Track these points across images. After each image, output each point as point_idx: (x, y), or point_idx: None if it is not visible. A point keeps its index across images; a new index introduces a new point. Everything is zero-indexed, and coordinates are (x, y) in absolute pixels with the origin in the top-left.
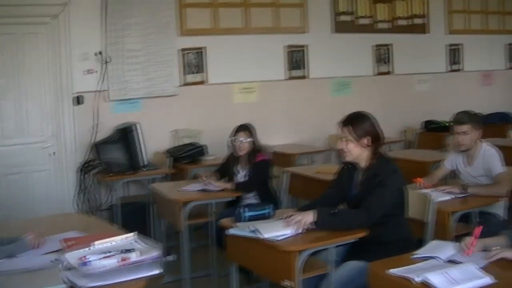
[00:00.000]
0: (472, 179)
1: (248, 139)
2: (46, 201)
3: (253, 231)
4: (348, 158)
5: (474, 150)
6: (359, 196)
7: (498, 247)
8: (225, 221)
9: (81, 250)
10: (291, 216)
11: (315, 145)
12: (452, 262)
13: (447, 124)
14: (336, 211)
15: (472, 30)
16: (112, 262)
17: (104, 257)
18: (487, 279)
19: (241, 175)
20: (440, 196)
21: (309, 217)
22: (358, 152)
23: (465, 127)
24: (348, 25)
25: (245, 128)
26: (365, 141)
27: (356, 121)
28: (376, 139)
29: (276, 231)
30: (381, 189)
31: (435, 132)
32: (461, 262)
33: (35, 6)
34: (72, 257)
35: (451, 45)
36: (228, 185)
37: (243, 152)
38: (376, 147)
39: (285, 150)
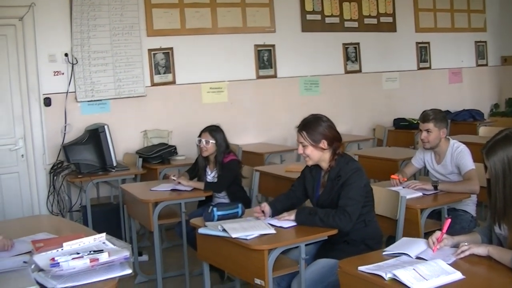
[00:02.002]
0: (441, 177)
1: (212, 141)
2: (16, 203)
3: (222, 231)
4: (310, 163)
5: (443, 148)
6: (323, 197)
7: (466, 243)
8: (195, 221)
9: (50, 252)
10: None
11: (285, 144)
12: (421, 258)
13: (416, 122)
14: (314, 210)
15: (439, 28)
16: (81, 263)
17: (73, 259)
18: (456, 275)
19: (211, 176)
20: (410, 193)
21: (291, 216)
22: (317, 155)
23: (429, 125)
24: (316, 24)
25: (209, 130)
26: (322, 144)
27: (310, 126)
28: (333, 140)
29: (245, 231)
30: (347, 190)
31: (404, 130)
32: (430, 259)
33: (0, 7)
34: (41, 259)
35: (419, 43)
36: (198, 185)
37: (207, 153)
38: (335, 148)
39: (255, 149)
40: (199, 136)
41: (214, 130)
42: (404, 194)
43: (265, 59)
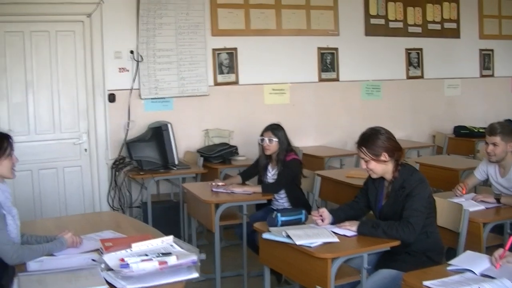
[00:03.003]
0: (505, 190)
1: (275, 139)
2: (78, 196)
3: (286, 237)
4: (374, 176)
5: (508, 161)
6: (386, 208)
7: None
8: (259, 225)
9: (119, 252)
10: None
11: (345, 148)
12: (486, 276)
13: (477, 130)
14: (377, 223)
15: (504, 35)
16: (150, 265)
17: (142, 260)
18: None
19: (271, 173)
20: (472, 205)
21: (353, 227)
22: (380, 168)
23: (496, 139)
24: (380, 28)
25: (272, 128)
26: (383, 157)
27: (368, 140)
28: (394, 151)
29: (309, 238)
30: (412, 201)
31: (465, 138)
32: (495, 277)
33: (70, 4)
34: (110, 258)
35: (482, 50)
36: (255, 188)
37: (269, 152)
38: (397, 158)
39: (315, 152)
40: (261, 135)
41: (276, 129)
42: (467, 207)
43: (327, 62)
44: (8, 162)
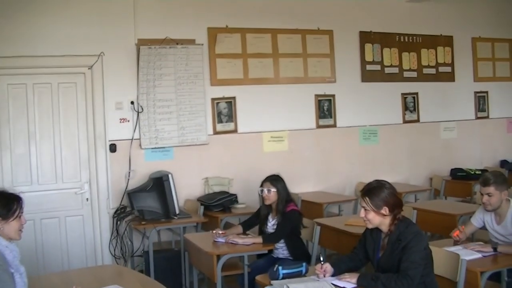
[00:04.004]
0: (501, 237)
1: (273, 189)
2: (80, 245)
3: None
4: (370, 226)
5: (503, 209)
6: (383, 260)
7: None
8: (261, 278)
9: None
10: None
11: (343, 193)
12: None
13: (474, 173)
14: (377, 275)
15: (498, 77)
16: None
17: None
18: None
19: (271, 223)
20: (469, 254)
21: (353, 279)
22: (378, 220)
23: (490, 189)
24: (376, 74)
25: (270, 179)
26: (383, 210)
27: (373, 193)
28: (394, 207)
29: None
30: (408, 253)
31: (462, 180)
32: None
33: (72, 57)
34: None
35: (477, 92)
36: (256, 239)
37: (268, 201)
38: (396, 214)
39: (313, 198)
40: (261, 185)
41: (275, 180)
42: (464, 256)
43: (325, 108)
44: (16, 223)
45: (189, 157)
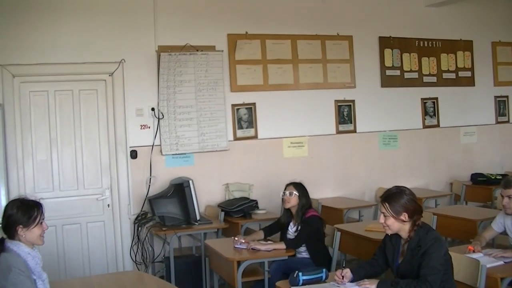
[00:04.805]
0: None
1: (295, 193)
2: (101, 250)
3: None
4: (389, 232)
5: None
6: (403, 266)
7: None
8: (281, 284)
9: None
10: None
11: (363, 199)
12: None
13: (494, 177)
14: (396, 281)
15: None
16: None
17: None
18: None
19: (292, 230)
20: (490, 261)
21: (373, 285)
22: (397, 226)
23: (511, 191)
24: (395, 79)
25: (294, 184)
26: (403, 216)
27: (392, 199)
28: (414, 213)
29: None
30: (428, 259)
31: (483, 185)
32: None
33: (93, 64)
34: None
35: (497, 96)
36: (278, 245)
37: (289, 205)
38: (415, 220)
39: (333, 204)
40: (285, 189)
41: (298, 185)
42: (484, 263)
43: (345, 114)
44: (38, 229)
45: (209, 163)
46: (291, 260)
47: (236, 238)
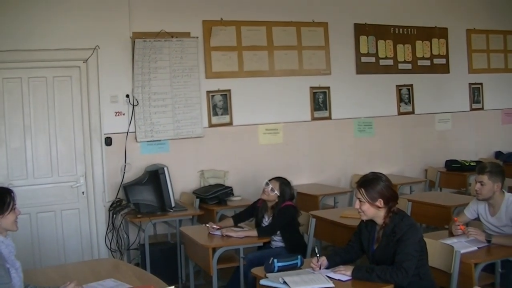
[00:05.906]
0: (495, 229)
1: (276, 192)
2: (76, 238)
3: (283, 283)
4: (364, 218)
5: (497, 201)
6: (378, 252)
7: None
8: (256, 271)
9: None
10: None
11: (339, 185)
12: None
13: (468, 164)
14: (371, 267)
15: (493, 69)
16: None
17: None
18: None
19: (267, 221)
20: (463, 247)
21: (348, 272)
22: (372, 212)
23: (483, 177)
24: (371, 66)
25: (281, 181)
26: (378, 202)
27: (369, 184)
28: (389, 200)
29: (305, 284)
30: (403, 245)
31: (457, 172)
32: None
33: (66, 50)
34: None
35: (472, 84)
36: (250, 233)
37: (266, 198)
38: (390, 207)
39: (309, 191)
40: (270, 180)
41: (284, 184)
42: (458, 249)
43: (320, 101)
44: (12, 215)
45: (184, 150)
46: (267, 252)
47: (207, 225)
